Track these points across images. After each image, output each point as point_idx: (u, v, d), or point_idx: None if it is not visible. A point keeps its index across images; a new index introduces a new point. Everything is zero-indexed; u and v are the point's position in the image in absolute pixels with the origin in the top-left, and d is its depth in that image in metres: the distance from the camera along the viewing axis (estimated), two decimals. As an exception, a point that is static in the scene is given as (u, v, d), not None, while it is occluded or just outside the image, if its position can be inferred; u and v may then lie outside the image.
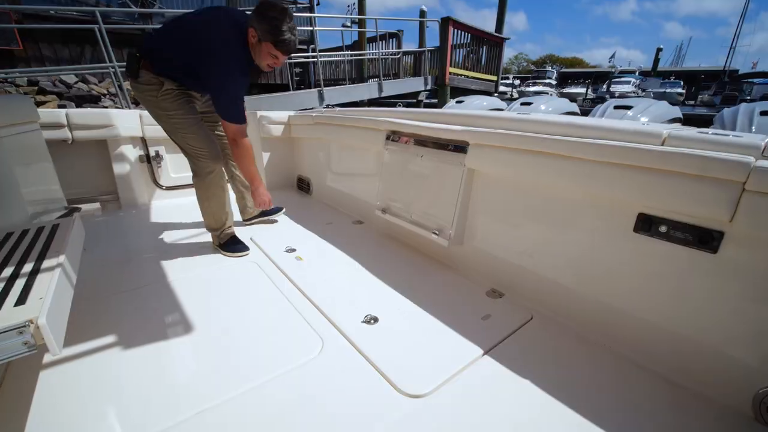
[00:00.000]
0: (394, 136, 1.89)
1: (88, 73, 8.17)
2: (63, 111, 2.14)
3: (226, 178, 1.90)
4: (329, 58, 9.79)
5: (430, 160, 1.69)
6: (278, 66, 1.58)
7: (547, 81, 29.31)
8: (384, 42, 9.35)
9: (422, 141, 1.74)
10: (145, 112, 2.43)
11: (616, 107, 6.27)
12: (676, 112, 6.58)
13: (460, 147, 1.55)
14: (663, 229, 1.04)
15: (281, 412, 0.93)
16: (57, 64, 7.59)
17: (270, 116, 2.80)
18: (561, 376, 1.05)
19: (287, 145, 3.01)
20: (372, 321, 1.28)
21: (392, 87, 8.28)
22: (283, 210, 2.29)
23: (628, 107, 6.13)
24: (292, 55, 1.65)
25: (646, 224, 1.08)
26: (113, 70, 4.48)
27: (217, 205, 1.78)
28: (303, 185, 2.97)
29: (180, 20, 1.56)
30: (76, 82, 7.97)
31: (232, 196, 1.93)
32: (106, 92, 8.18)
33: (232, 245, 1.81)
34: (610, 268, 1.18)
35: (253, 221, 2.20)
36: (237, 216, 2.29)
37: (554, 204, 1.31)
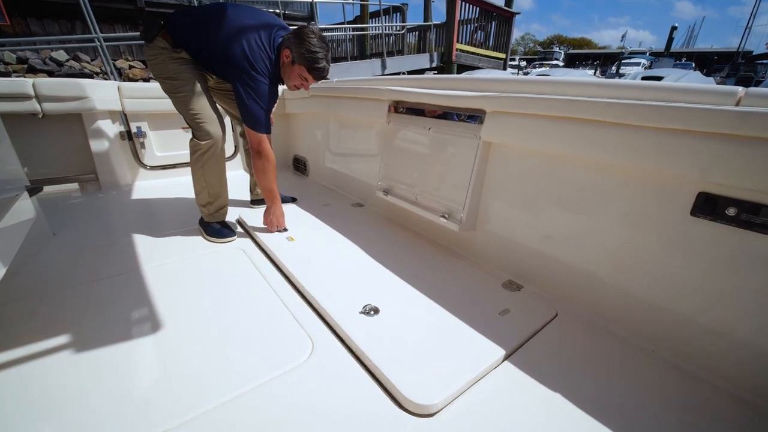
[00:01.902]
0: (398, 107, 1.68)
1: (79, 50, 7.86)
2: (29, 80, 1.93)
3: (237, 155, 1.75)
4: (330, 33, 9.39)
5: (439, 133, 1.47)
6: (305, 88, 1.58)
7: (555, 62, 28.57)
8: (387, 17, 8.93)
9: (430, 111, 1.52)
10: (125, 84, 2.22)
11: (644, 78, 5.93)
12: (712, 83, 6.23)
13: (474, 116, 1.33)
14: (731, 211, 0.84)
15: (258, 434, 0.76)
16: (49, 42, 7.30)
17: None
18: (598, 387, 0.87)
19: (282, 122, 2.79)
20: (371, 312, 1.10)
21: (396, 64, 7.92)
22: (297, 201, 2.10)
23: (659, 78, 5.78)
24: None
25: (709, 206, 0.88)
26: (99, 43, 4.21)
27: (208, 180, 1.61)
28: (299, 165, 2.77)
29: (215, 13, 1.45)
30: (67, 60, 7.68)
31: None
32: (99, 71, 7.88)
33: (216, 229, 1.63)
34: (656, 259, 0.99)
35: (260, 205, 2.02)
36: (241, 195, 2.11)
37: (587, 182, 1.10)
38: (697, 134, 0.83)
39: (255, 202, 2.02)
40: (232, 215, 1.84)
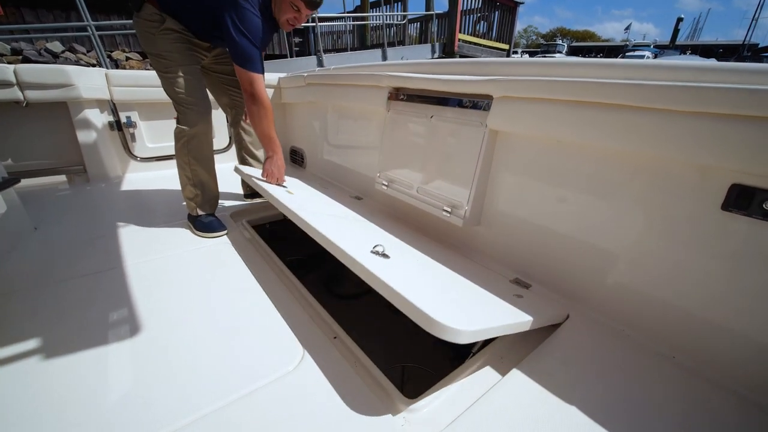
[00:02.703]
0: (398, 95, 1.58)
1: (75, 41, 7.73)
2: (11, 67, 1.83)
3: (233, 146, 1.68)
4: (330, 23, 9.22)
5: (442, 122, 1.38)
6: (299, 23, 1.47)
7: (558, 55, 28.21)
8: (388, 6, 8.75)
9: (432, 98, 1.42)
10: (112, 72, 2.12)
11: None
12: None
13: (480, 103, 1.24)
14: None
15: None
16: (41, 31, 7.17)
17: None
18: (614, 395, 0.79)
19: (278, 112, 2.69)
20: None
21: (397, 55, 7.77)
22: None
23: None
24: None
25: (743, 199, 0.78)
26: (91, 31, 4.10)
27: (194, 169, 1.53)
28: (297, 158, 2.67)
29: None
30: (63, 51, 7.55)
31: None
32: (95, 62, 7.75)
33: (205, 223, 1.54)
34: (679, 257, 0.90)
35: (255, 199, 1.93)
36: (232, 188, 2.02)
37: (603, 174, 1.01)
38: (737, 118, 0.73)
39: (249, 195, 1.93)
40: (224, 210, 1.75)
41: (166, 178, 2.23)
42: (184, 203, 1.60)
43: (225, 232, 1.54)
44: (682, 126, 0.80)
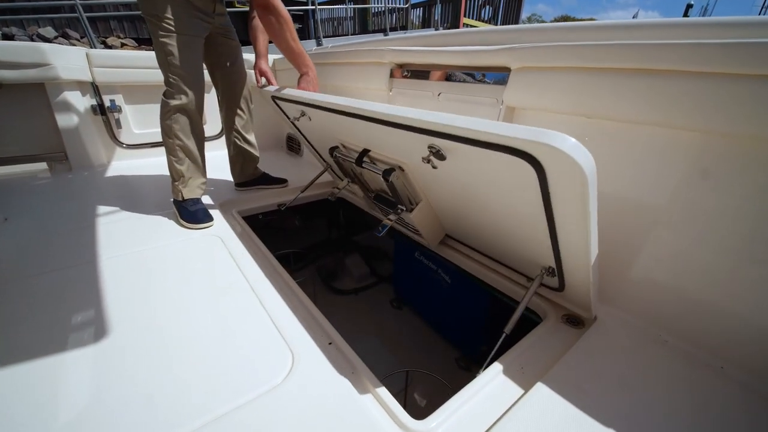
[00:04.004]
0: (402, 71, 1.43)
1: (68, 26, 7.53)
2: (-20, 44, 1.69)
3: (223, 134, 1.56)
4: (330, 7, 8.96)
5: (450, 100, 1.23)
6: None
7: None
8: (391, -11, 8.46)
9: (439, 74, 1.27)
10: (94, 51, 1.97)
11: None
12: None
13: (495, 76, 1.09)
14: None
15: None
16: (24, 12, 6.96)
17: (251, 60, 2.31)
18: (653, 411, 0.67)
19: (273, 96, 2.54)
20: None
21: (399, 41, 7.55)
22: (287, 183, 1.86)
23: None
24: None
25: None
26: (78, 12, 3.91)
27: (180, 146, 1.40)
28: (293, 145, 2.53)
29: None
30: (56, 37, 7.37)
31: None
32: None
33: (191, 212, 1.41)
34: (730, 256, 0.77)
35: (246, 188, 1.79)
36: (222, 176, 1.89)
37: (647, 158, 0.87)
38: None
39: (240, 185, 1.79)
40: (215, 200, 1.62)
41: (155, 166, 2.09)
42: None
43: (211, 223, 1.41)
44: (746, 93, 0.66)
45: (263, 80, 1.51)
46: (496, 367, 0.78)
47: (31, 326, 0.88)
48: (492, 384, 0.74)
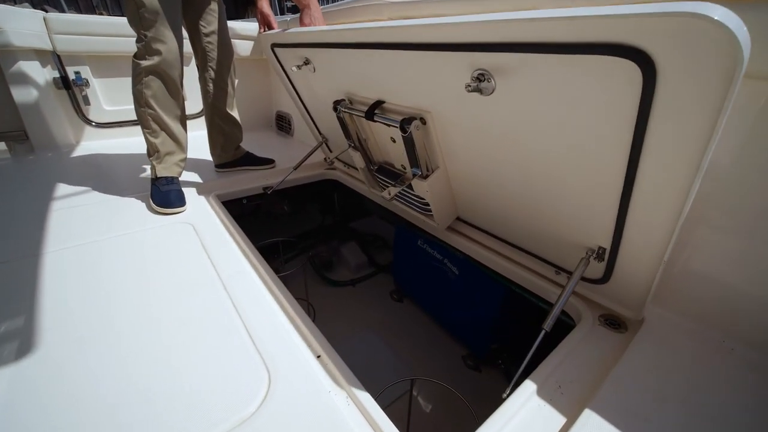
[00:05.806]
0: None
1: (47, 2, 7.12)
2: None
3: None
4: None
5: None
6: None
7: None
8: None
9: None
10: (52, 15, 1.74)
11: None
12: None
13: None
14: None
15: None
16: None
17: (234, 28, 2.08)
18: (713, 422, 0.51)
19: (260, 71, 2.32)
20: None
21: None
22: (274, 164, 1.66)
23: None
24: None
25: None
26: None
27: (153, 116, 1.22)
28: (283, 124, 2.32)
29: None
30: (33, 16, 6.97)
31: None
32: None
33: (163, 193, 1.22)
34: None
35: (227, 169, 1.59)
36: (201, 155, 1.69)
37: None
38: None
39: (221, 166, 1.59)
40: (191, 182, 1.43)
41: (129, 146, 1.89)
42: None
43: (183, 208, 1.22)
44: None
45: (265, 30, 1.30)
46: (528, 387, 0.61)
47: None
48: (525, 410, 0.58)
